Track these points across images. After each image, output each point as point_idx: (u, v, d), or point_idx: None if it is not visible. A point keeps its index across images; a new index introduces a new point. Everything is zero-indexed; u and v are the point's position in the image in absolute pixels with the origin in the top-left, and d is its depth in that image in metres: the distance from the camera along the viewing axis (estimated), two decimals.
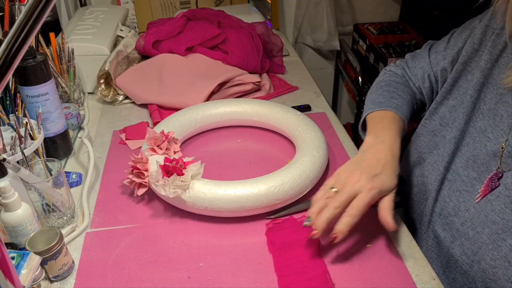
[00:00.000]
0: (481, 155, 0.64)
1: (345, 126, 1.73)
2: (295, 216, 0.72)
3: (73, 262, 0.64)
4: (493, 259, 0.58)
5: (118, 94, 1.07)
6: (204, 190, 0.68)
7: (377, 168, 0.63)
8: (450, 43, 0.75)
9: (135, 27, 1.49)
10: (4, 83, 0.35)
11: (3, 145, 0.68)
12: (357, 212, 0.60)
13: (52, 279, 0.61)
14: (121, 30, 1.22)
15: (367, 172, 0.63)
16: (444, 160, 0.69)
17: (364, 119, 0.77)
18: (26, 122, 0.69)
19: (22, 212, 0.60)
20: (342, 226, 0.60)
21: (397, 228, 0.68)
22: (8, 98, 0.78)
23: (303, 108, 1.02)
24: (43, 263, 0.59)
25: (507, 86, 0.62)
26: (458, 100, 0.70)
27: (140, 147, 0.87)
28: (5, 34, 0.83)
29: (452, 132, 0.69)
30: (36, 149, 0.71)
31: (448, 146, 0.68)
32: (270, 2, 1.55)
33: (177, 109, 0.94)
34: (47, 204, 0.67)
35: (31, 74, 0.76)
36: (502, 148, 0.62)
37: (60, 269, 0.61)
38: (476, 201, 0.63)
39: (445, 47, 0.76)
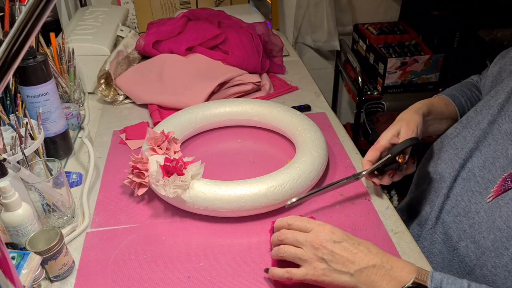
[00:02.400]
0: (500, 158, 0.64)
1: (345, 126, 1.73)
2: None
3: (73, 262, 0.64)
4: (495, 267, 0.58)
5: (118, 94, 1.07)
6: (204, 190, 0.68)
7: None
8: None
9: (135, 27, 1.50)
10: (4, 83, 0.35)
11: (4, 145, 0.68)
12: None
13: (52, 279, 0.61)
14: (121, 30, 1.22)
15: None
16: (461, 158, 0.69)
17: None
18: (27, 122, 0.70)
19: (22, 212, 0.60)
20: None
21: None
22: (8, 98, 0.78)
23: (303, 108, 1.02)
24: (43, 263, 0.59)
25: None
26: (486, 105, 0.72)
27: (140, 147, 0.87)
28: (5, 34, 0.84)
29: (474, 132, 0.69)
30: (37, 149, 0.71)
31: (467, 145, 0.69)
32: (270, 2, 1.55)
33: (177, 109, 0.95)
34: (47, 204, 0.67)
35: (31, 74, 0.76)
36: None
37: (61, 269, 0.61)
38: (488, 201, 0.63)
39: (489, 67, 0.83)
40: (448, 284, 0.52)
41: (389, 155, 0.70)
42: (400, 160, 0.70)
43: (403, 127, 0.71)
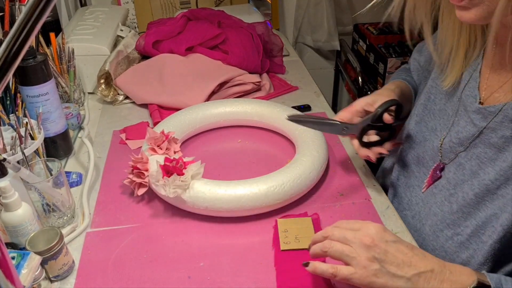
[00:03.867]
0: (429, 151, 0.70)
1: None
2: (309, 213, 0.72)
3: (73, 262, 0.64)
4: (433, 250, 0.62)
5: (118, 94, 1.07)
6: (204, 190, 0.68)
7: None
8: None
9: (135, 27, 1.50)
10: (4, 83, 0.35)
11: (4, 145, 0.68)
12: None
13: (52, 279, 0.62)
14: (121, 30, 1.22)
15: None
16: (399, 159, 0.76)
17: None
18: (27, 122, 0.70)
19: (22, 212, 0.60)
20: None
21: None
22: (8, 98, 0.78)
23: (303, 108, 1.02)
24: (43, 263, 0.59)
25: (444, 88, 0.68)
26: (414, 107, 0.77)
27: (140, 147, 0.87)
28: (5, 34, 0.84)
29: (407, 132, 0.75)
30: (37, 149, 0.71)
31: (404, 146, 0.75)
32: (270, 2, 1.55)
33: (177, 109, 0.94)
34: (47, 204, 0.67)
35: (31, 74, 0.76)
36: (441, 142, 0.67)
37: (60, 269, 0.61)
38: (422, 191, 0.68)
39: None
40: (507, 282, 0.50)
41: (379, 109, 0.68)
42: (388, 118, 0.69)
43: (380, 99, 0.71)
